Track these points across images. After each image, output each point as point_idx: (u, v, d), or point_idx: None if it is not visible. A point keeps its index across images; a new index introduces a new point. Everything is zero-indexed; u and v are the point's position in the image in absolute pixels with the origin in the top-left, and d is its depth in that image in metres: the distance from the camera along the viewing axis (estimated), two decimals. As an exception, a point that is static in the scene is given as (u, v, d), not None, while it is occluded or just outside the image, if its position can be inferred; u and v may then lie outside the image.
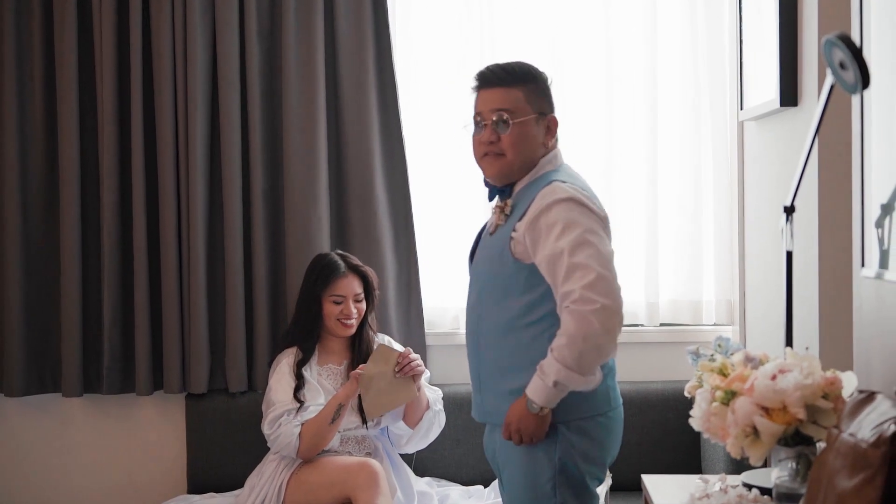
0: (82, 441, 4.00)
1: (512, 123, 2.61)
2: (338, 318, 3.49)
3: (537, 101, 2.65)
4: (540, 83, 2.67)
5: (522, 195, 2.63)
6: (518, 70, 2.67)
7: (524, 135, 2.63)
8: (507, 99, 2.63)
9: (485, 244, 2.70)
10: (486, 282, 2.67)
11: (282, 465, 3.43)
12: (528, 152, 2.64)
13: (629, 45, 3.94)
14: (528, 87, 2.65)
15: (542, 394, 2.50)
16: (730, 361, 2.32)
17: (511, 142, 2.62)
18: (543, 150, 2.66)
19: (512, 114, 2.62)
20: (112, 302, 3.82)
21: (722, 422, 2.23)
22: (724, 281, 3.90)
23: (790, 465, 2.19)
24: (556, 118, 2.69)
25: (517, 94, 2.63)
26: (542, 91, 2.67)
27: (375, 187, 3.84)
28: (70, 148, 3.81)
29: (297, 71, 3.80)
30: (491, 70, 2.68)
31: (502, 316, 2.63)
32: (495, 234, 2.64)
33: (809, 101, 2.90)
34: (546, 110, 2.67)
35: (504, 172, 2.65)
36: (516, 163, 2.64)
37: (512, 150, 2.63)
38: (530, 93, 2.64)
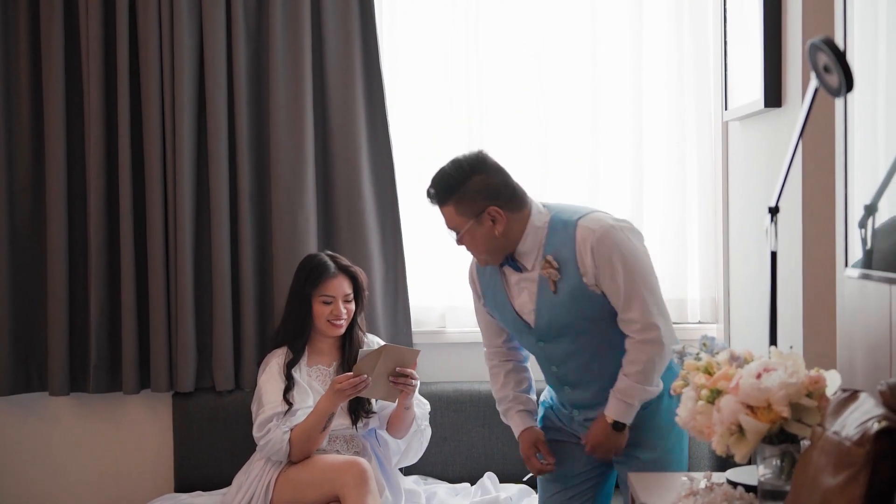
0: (69, 440, 4.00)
1: (458, 235, 2.91)
2: (327, 318, 3.49)
3: (469, 207, 2.87)
4: (465, 188, 2.86)
5: (556, 250, 2.87)
6: (443, 186, 2.89)
7: (474, 237, 2.90)
8: (447, 219, 2.92)
9: (553, 302, 2.91)
10: (582, 327, 2.92)
11: (269, 464, 3.43)
12: (489, 244, 2.90)
13: (614, 45, 3.95)
14: (454, 199, 2.88)
15: (628, 414, 2.92)
16: (715, 360, 2.33)
17: (469, 246, 2.93)
18: (501, 238, 2.88)
19: (454, 228, 2.91)
20: (99, 300, 3.82)
21: (707, 420, 2.24)
22: (709, 279, 3.93)
23: (775, 463, 2.20)
24: (496, 210, 2.86)
25: (450, 212, 2.90)
26: (469, 195, 2.87)
27: (362, 187, 3.85)
28: (56, 148, 3.81)
29: (283, 71, 3.81)
30: (428, 192, 2.92)
31: (607, 340, 2.93)
32: (559, 290, 2.89)
33: (793, 103, 2.92)
34: (481, 208, 2.87)
35: (488, 262, 2.96)
36: (486, 253, 2.93)
37: (475, 250, 2.94)
38: (460, 202, 2.87)
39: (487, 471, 3.77)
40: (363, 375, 3.29)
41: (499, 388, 3.17)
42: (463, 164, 2.90)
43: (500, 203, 2.88)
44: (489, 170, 2.90)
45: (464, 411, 3.83)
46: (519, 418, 3.12)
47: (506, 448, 3.80)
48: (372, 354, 3.29)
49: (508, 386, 3.15)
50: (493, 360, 3.19)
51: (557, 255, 2.88)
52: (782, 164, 2.94)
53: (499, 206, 2.87)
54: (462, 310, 3.98)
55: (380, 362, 3.27)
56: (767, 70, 3.00)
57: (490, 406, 3.78)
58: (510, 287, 3.00)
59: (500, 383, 3.16)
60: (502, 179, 2.92)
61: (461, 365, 3.97)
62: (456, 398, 3.85)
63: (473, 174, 2.88)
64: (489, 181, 2.89)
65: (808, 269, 2.84)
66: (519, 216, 2.91)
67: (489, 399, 3.78)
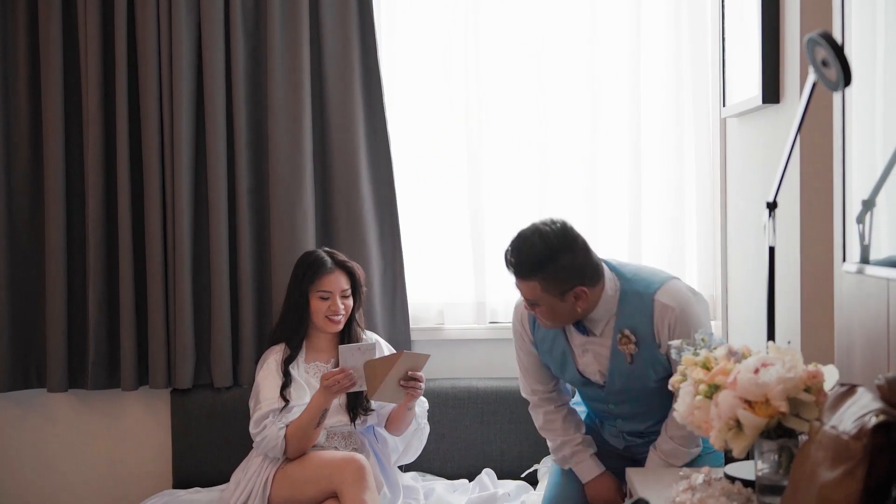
0: (67, 436, 4.00)
1: (538, 308, 2.87)
2: (325, 314, 3.49)
3: (556, 285, 2.83)
4: (554, 266, 2.81)
5: (633, 324, 2.90)
6: (530, 262, 2.83)
7: (553, 311, 2.88)
8: (527, 290, 2.87)
9: (627, 371, 2.96)
10: (653, 388, 2.97)
11: (267, 460, 3.42)
12: (565, 317, 2.90)
13: (613, 43, 3.95)
14: (543, 274, 2.82)
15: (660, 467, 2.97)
16: (713, 356, 2.34)
17: (543, 316, 2.90)
18: (577, 312, 2.88)
19: (533, 302, 2.87)
20: (97, 297, 3.81)
21: (705, 415, 2.25)
22: (707, 277, 3.92)
23: (772, 458, 2.20)
24: (582, 290, 2.84)
25: (534, 286, 2.84)
26: (561, 272, 2.82)
27: (361, 184, 3.84)
28: (55, 145, 3.80)
29: (282, 69, 3.80)
30: (509, 261, 2.87)
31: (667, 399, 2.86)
32: (635, 361, 2.93)
33: (791, 99, 2.92)
34: (568, 287, 2.83)
35: (554, 327, 2.97)
36: (555, 323, 2.94)
37: (547, 321, 2.92)
38: (547, 279, 2.82)
39: (485, 466, 3.77)
40: (347, 369, 3.28)
41: (559, 432, 3.15)
42: (552, 239, 2.84)
43: (586, 282, 2.86)
44: (577, 247, 2.86)
45: (462, 408, 3.83)
46: (593, 462, 3.12)
47: (504, 444, 3.81)
48: (387, 360, 3.28)
49: (570, 430, 3.15)
50: (544, 406, 3.18)
51: (634, 329, 2.91)
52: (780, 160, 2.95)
53: (584, 286, 2.86)
54: (460, 306, 3.99)
55: (395, 368, 3.27)
56: (765, 67, 3.01)
57: (488, 402, 3.82)
58: (573, 347, 3.03)
59: (561, 428, 3.15)
60: (587, 256, 2.89)
61: (459, 362, 3.97)
62: (454, 395, 3.85)
63: (563, 252, 2.83)
64: (577, 261, 2.85)
65: (805, 265, 2.84)
66: (597, 289, 2.91)
67: (487, 396, 3.83)
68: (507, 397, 3.81)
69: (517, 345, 3.17)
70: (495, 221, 3.99)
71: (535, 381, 3.18)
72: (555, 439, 3.17)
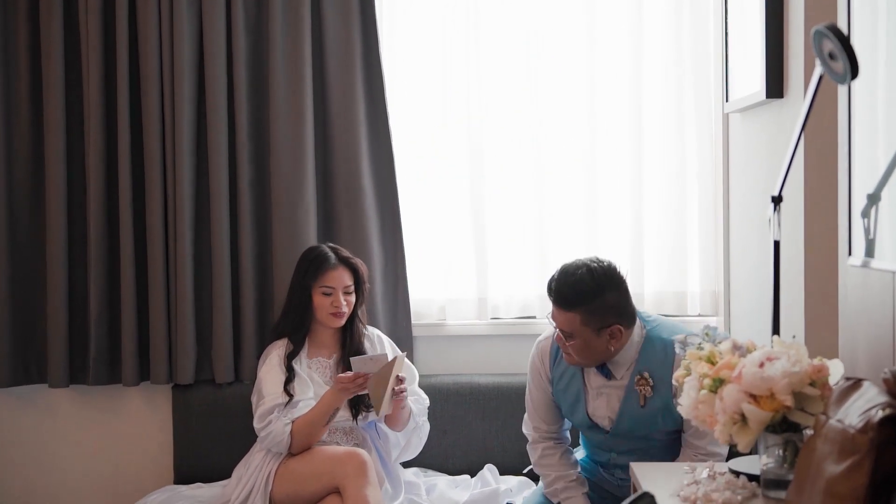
0: (68, 432, 3.99)
1: (571, 341, 2.92)
2: (328, 310, 3.48)
3: (596, 320, 2.90)
4: (598, 301, 2.89)
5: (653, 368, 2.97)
6: (575, 295, 2.90)
7: (586, 346, 2.93)
8: (565, 321, 2.92)
9: (638, 414, 3.01)
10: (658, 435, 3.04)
11: (269, 455, 3.42)
12: (594, 355, 2.96)
13: (613, 39, 3.94)
14: (585, 308, 2.89)
15: None
16: (718, 350, 2.33)
17: (575, 351, 2.95)
18: (610, 351, 2.95)
19: (569, 335, 2.92)
20: (98, 292, 3.80)
21: (710, 409, 2.24)
22: (709, 272, 3.92)
23: (777, 452, 2.20)
24: (619, 328, 2.92)
25: (574, 318, 2.90)
26: (602, 308, 2.90)
27: (362, 179, 3.83)
28: (56, 139, 3.79)
29: (283, 63, 3.79)
30: (554, 290, 2.94)
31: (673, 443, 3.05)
32: (647, 405, 2.99)
33: (795, 93, 2.91)
34: (607, 323, 2.91)
35: (575, 364, 3.02)
36: (583, 361, 2.98)
37: (578, 356, 2.96)
38: (588, 313, 2.89)
39: (486, 462, 3.76)
40: (361, 374, 3.30)
41: (555, 468, 3.18)
42: (600, 277, 2.91)
43: (624, 322, 2.95)
44: (621, 288, 2.95)
45: (463, 404, 3.82)
46: (583, 501, 3.14)
47: (505, 441, 3.80)
48: (385, 372, 3.26)
49: (566, 466, 3.19)
50: (544, 443, 3.22)
51: (653, 373, 2.98)
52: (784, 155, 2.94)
53: (622, 326, 2.94)
54: (462, 302, 3.98)
55: (391, 379, 3.27)
56: (769, 61, 3.00)
57: (489, 398, 3.81)
58: (588, 389, 3.08)
59: (557, 464, 3.18)
60: (628, 298, 2.98)
61: (461, 358, 3.97)
62: (456, 391, 3.84)
63: (608, 290, 2.91)
64: (620, 300, 2.94)
65: (809, 259, 2.83)
66: (628, 334, 2.99)
67: (488, 392, 3.82)
68: (508, 393, 3.80)
69: (531, 381, 3.21)
70: (497, 216, 3.98)
71: (541, 419, 3.22)
72: (549, 474, 3.20)
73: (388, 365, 3.28)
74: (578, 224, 3.93)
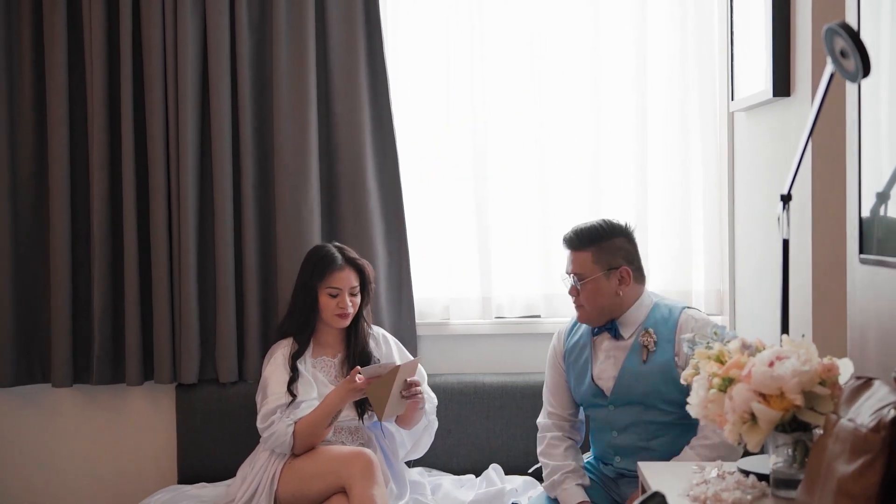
0: (72, 432, 3.97)
1: (580, 283, 3.10)
2: (334, 311, 3.47)
3: (605, 259, 3.11)
4: (608, 242, 3.12)
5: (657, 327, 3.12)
6: (586, 234, 3.13)
7: (597, 289, 3.11)
8: (577, 261, 3.13)
9: (639, 371, 3.12)
10: (655, 402, 3.12)
11: (274, 455, 3.40)
12: (602, 302, 3.12)
13: (617, 38, 3.92)
14: (595, 247, 3.11)
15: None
16: (726, 349, 2.32)
17: (585, 297, 3.13)
18: (617, 297, 3.12)
19: (579, 275, 3.11)
20: (102, 291, 3.79)
21: (719, 408, 2.23)
22: (714, 271, 3.90)
23: (787, 452, 2.19)
24: (627, 271, 3.12)
25: (585, 257, 3.12)
26: (611, 249, 3.12)
27: (366, 178, 3.82)
28: (59, 137, 3.78)
29: (287, 61, 3.78)
30: (567, 235, 3.16)
31: (672, 423, 3.11)
32: (649, 361, 3.11)
33: (802, 92, 2.91)
34: (616, 264, 3.12)
35: (589, 319, 3.17)
36: (594, 312, 3.14)
37: (588, 303, 3.13)
38: (598, 252, 3.11)
39: (491, 462, 3.75)
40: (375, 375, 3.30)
41: (558, 458, 3.23)
42: (613, 223, 3.16)
43: (632, 269, 3.14)
44: (631, 239, 3.18)
45: (468, 403, 3.81)
46: (577, 490, 3.17)
47: (510, 440, 3.79)
48: (386, 378, 3.25)
49: (569, 457, 3.24)
50: (553, 431, 3.29)
51: (657, 330, 3.13)
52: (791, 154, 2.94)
53: (630, 270, 3.13)
54: (466, 301, 3.97)
55: (395, 385, 3.25)
56: (776, 59, 2.99)
57: (494, 398, 3.80)
58: (596, 355, 3.20)
59: (560, 455, 3.24)
60: (637, 253, 3.19)
61: (465, 357, 3.96)
62: (460, 390, 3.83)
63: (620, 235, 3.15)
64: (629, 247, 3.16)
65: (817, 258, 2.83)
66: (637, 289, 3.16)
67: (493, 391, 3.81)
68: (512, 393, 3.80)
69: (547, 364, 3.35)
70: (501, 216, 3.97)
71: (553, 401, 3.31)
72: (548, 464, 3.25)
73: (392, 371, 3.26)
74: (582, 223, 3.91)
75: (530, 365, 3.89)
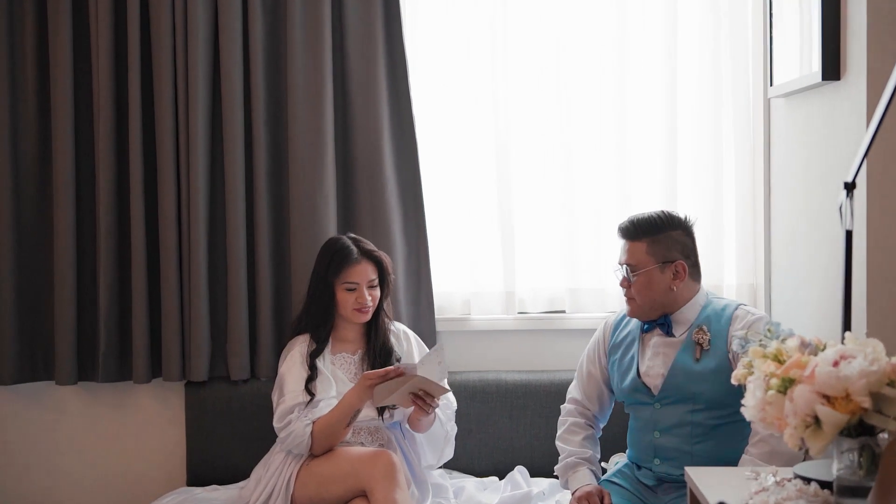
0: (76, 431, 3.89)
1: (633, 274, 3.04)
2: (353, 306, 3.35)
3: (661, 252, 3.03)
4: (665, 233, 3.04)
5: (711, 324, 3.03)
6: (643, 224, 3.06)
7: (650, 282, 3.04)
8: (631, 252, 3.06)
9: (691, 368, 3.03)
10: (704, 402, 3.01)
11: (291, 456, 3.29)
12: (654, 296, 3.05)
13: (646, 26, 3.80)
14: (651, 238, 3.04)
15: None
16: (784, 347, 2.19)
17: (637, 289, 3.05)
18: (671, 292, 3.04)
19: (633, 266, 3.04)
20: (108, 285, 3.69)
21: (778, 411, 2.10)
22: (746, 264, 3.78)
23: (850, 457, 2.06)
24: (682, 265, 3.05)
25: (640, 247, 3.05)
26: (667, 241, 3.05)
27: (384, 166, 3.70)
28: (64, 124, 3.66)
29: (302, 44, 3.66)
30: (623, 224, 3.09)
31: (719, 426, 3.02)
32: (701, 360, 3.02)
33: (855, 75, 2.77)
34: (671, 257, 3.04)
35: (636, 313, 3.10)
36: (645, 305, 3.06)
37: (640, 296, 3.06)
38: (653, 244, 3.04)
39: (514, 464, 3.63)
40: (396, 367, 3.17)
41: (575, 444, 3.21)
42: (672, 215, 3.09)
43: (688, 264, 3.07)
44: (691, 234, 3.11)
45: (489, 402, 3.70)
46: (589, 475, 3.16)
47: (533, 440, 3.69)
48: (406, 379, 3.12)
49: (586, 445, 3.22)
50: (575, 416, 3.27)
51: (711, 327, 3.04)
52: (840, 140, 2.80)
53: (686, 264, 3.06)
54: (487, 295, 3.86)
55: (409, 384, 3.12)
56: (826, 41, 2.85)
57: (517, 396, 3.71)
58: (644, 350, 3.13)
59: (578, 443, 3.22)
60: (695, 250, 3.12)
61: (486, 353, 3.86)
62: (482, 388, 3.72)
63: (678, 227, 3.07)
64: (687, 241, 3.09)
65: (872, 249, 2.68)
66: (692, 286, 3.09)
67: (515, 389, 3.72)
68: (536, 391, 3.69)
69: (585, 355, 3.30)
70: (524, 206, 3.85)
71: (581, 391, 3.28)
72: (564, 449, 3.23)
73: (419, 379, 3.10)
74: (609, 215, 3.80)
75: (554, 362, 3.81)
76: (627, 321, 3.20)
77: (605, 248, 3.78)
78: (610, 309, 3.78)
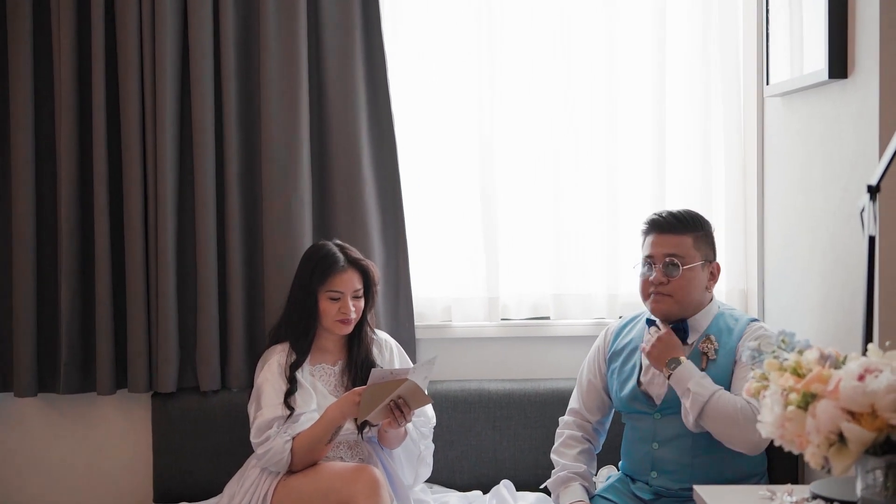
0: (37, 446, 3.76)
1: (682, 268, 2.96)
2: (335, 317, 3.22)
3: (704, 249, 3.01)
4: (705, 231, 3.04)
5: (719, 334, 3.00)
6: (688, 218, 3.02)
7: (691, 279, 2.98)
8: (678, 245, 2.98)
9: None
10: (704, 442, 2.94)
11: (267, 471, 3.16)
12: (692, 294, 3.00)
13: (635, 26, 3.72)
14: (696, 234, 3.00)
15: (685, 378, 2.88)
16: (804, 360, 2.08)
17: (679, 285, 2.98)
18: (707, 294, 3.03)
19: (682, 259, 2.97)
20: (70, 291, 3.56)
21: (800, 428, 1.99)
22: (737, 269, 3.71)
23: (874, 477, 1.96)
24: (719, 265, 3.06)
25: (687, 241, 2.99)
26: (707, 239, 3.03)
27: (362, 168, 3.59)
28: (23, 122, 3.52)
29: (276, 38, 3.54)
30: (664, 217, 3.02)
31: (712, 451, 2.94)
32: (708, 369, 2.97)
33: (864, 73, 2.67)
34: (710, 257, 3.04)
35: (671, 311, 3.00)
36: (683, 303, 2.99)
37: (679, 293, 2.98)
38: (698, 240, 3.00)
39: (498, 476, 3.53)
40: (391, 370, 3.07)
41: (569, 458, 3.16)
42: (705, 218, 3.08)
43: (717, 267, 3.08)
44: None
45: (472, 412, 3.60)
46: (581, 491, 3.11)
47: (518, 452, 3.59)
48: (391, 385, 3.00)
49: (581, 459, 3.16)
50: (572, 429, 3.21)
51: (719, 338, 3.01)
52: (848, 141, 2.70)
53: (720, 268, 3.09)
54: (469, 301, 3.76)
55: (394, 394, 3.00)
56: (832, 39, 2.76)
57: (500, 406, 3.62)
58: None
59: (573, 457, 3.17)
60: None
61: (468, 362, 3.76)
62: (463, 398, 3.61)
63: (710, 229, 3.07)
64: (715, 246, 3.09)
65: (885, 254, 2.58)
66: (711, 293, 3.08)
67: (499, 398, 3.63)
68: (520, 400, 3.60)
69: (585, 363, 3.25)
70: (509, 209, 3.76)
71: (583, 403, 3.22)
72: (559, 462, 3.18)
73: (396, 382, 3.00)
74: (596, 218, 3.73)
75: (539, 370, 3.72)
76: (630, 328, 3.14)
77: (591, 253, 3.71)
78: (596, 316, 3.72)
